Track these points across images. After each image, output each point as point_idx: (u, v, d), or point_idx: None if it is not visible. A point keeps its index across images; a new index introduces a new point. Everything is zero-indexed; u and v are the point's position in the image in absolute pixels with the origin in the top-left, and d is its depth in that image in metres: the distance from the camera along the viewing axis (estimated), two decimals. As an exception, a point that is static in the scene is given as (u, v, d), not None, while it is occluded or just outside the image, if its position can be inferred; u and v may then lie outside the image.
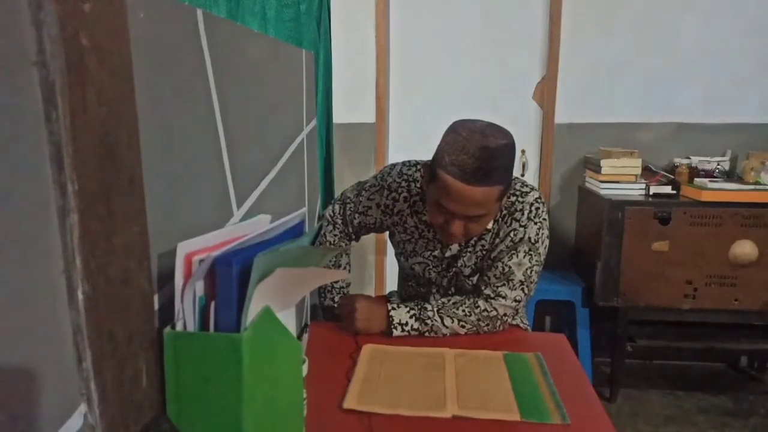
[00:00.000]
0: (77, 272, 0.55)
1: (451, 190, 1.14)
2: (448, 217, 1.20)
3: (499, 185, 1.15)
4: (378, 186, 1.45)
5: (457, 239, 1.26)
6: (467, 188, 1.12)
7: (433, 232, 1.40)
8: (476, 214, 1.18)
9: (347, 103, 2.87)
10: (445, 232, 1.24)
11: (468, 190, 1.13)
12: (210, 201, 0.93)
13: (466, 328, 1.32)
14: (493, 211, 1.22)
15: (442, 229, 1.25)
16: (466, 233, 1.24)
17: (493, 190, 1.15)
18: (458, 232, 1.21)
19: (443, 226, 1.23)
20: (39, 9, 0.50)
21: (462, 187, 1.13)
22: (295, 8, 1.76)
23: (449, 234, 1.23)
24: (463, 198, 1.14)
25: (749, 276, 2.39)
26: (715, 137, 2.79)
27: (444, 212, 1.20)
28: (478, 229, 1.25)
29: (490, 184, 1.13)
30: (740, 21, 2.71)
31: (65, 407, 0.56)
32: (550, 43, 2.81)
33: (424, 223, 1.41)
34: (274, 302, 0.78)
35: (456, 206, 1.16)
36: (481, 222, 1.22)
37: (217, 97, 0.92)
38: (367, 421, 0.97)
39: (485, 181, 1.12)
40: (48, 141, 0.52)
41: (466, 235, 1.25)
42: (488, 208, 1.19)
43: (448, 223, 1.21)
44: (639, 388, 2.72)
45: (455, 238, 1.25)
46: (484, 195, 1.14)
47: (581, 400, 1.05)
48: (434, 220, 1.25)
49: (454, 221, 1.20)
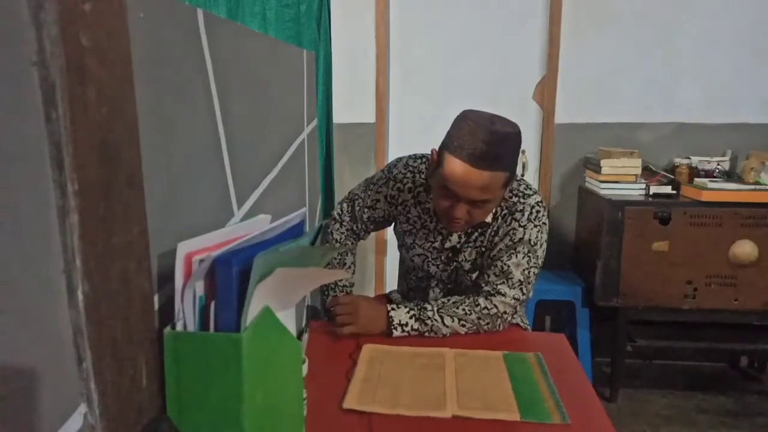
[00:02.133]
0: (77, 272, 0.55)
1: (458, 172, 1.17)
2: (454, 201, 1.23)
3: (505, 171, 1.18)
4: (385, 178, 1.49)
5: (459, 226, 1.29)
6: (475, 172, 1.15)
7: (434, 222, 1.43)
8: (481, 198, 1.21)
9: (347, 103, 2.87)
10: (449, 217, 1.26)
11: (476, 174, 1.16)
12: (210, 201, 0.93)
13: (467, 327, 1.33)
14: (496, 197, 1.24)
15: (445, 214, 1.28)
16: (469, 219, 1.26)
17: (499, 176, 1.18)
18: (462, 216, 1.24)
19: (447, 211, 1.26)
20: (39, 9, 0.50)
21: (470, 170, 1.15)
22: (295, 8, 1.76)
23: (452, 219, 1.25)
24: (470, 181, 1.17)
25: (749, 276, 2.39)
26: (715, 137, 2.78)
27: (449, 196, 1.23)
28: (481, 216, 1.27)
29: (497, 168, 1.16)
30: (740, 21, 2.71)
31: (65, 407, 0.56)
32: (550, 43, 2.81)
33: (426, 212, 1.43)
34: (274, 302, 0.79)
35: (462, 189, 1.19)
36: (484, 208, 1.25)
37: (217, 97, 0.92)
38: (367, 421, 0.97)
39: (493, 166, 1.15)
40: (48, 141, 0.52)
41: (469, 221, 1.27)
42: (493, 194, 1.21)
43: (453, 208, 1.24)
44: (639, 388, 2.72)
45: (458, 224, 1.28)
46: (491, 179, 1.17)
47: (581, 400, 1.05)
48: (439, 205, 1.28)
49: (458, 205, 1.23)
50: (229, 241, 0.80)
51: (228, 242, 0.80)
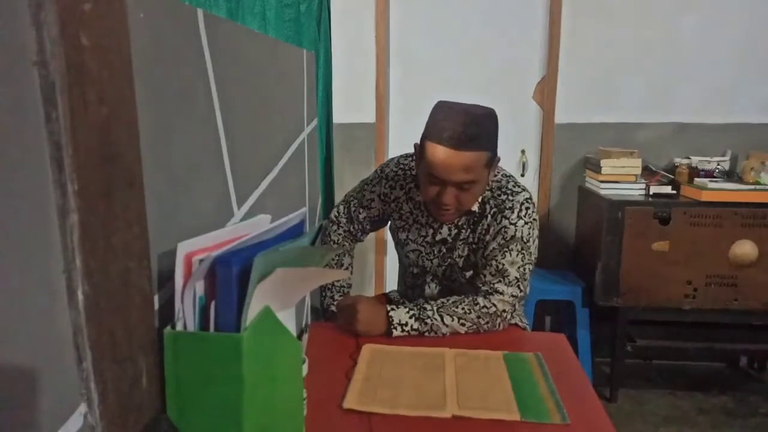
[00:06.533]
0: (77, 272, 0.55)
1: (440, 157, 1.22)
2: (441, 188, 1.26)
3: (485, 150, 1.23)
4: (378, 178, 1.52)
5: (450, 214, 1.32)
6: (456, 154, 1.20)
7: (426, 216, 1.45)
8: (466, 179, 1.24)
9: (347, 103, 2.86)
10: (438, 204, 1.29)
11: (457, 156, 1.20)
12: (210, 201, 0.93)
13: (467, 326, 1.33)
14: (482, 179, 1.27)
15: (434, 203, 1.31)
16: (459, 204, 1.29)
17: (480, 155, 1.22)
18: (451, 201, 1.27)
19: (436, 199, 1.29)
20: (39, 9, 0.50)
21: (451, 153, 1.20)
22: (295, 8, 1.76)
23: (442, 206, 1.28)
24: (452, 164, 1.21)
25: (749, 276, 2.39)
26: (715, 137, 2.78)
27: (436, 183, 1.26)
28: (470, 200, 1.30)
29: (476, 148, 1.21)
30: (740, 21, 2.71)
31: (65, 407, 0.56)
32: (550, 43, 2.80)
33: (418, 206, 1.46)
34: (274, 302, 0.78)
35: (446, 173, 1.23)
36: (472, 191, 1.28)
37: (217, 97, 0.92)
38: (367, 421, 0.97)
39: (472, 146, 1.20)
40: (48, 141, 0.52)
41: (459, 207, 1.30)
42: (477, 174, 1.24)
43: (441, 194, 1.27)
44: (639, 388, 2.72)
45: (448, 213, 1.31)
46: (473, 159, 1.21)
47: (581, 400, 1.05)
48: (427, 195, 1.31)
49: (445, 191, 1.26)
50: (229, 241, 0.80)
51: (228, 242, 0.80)
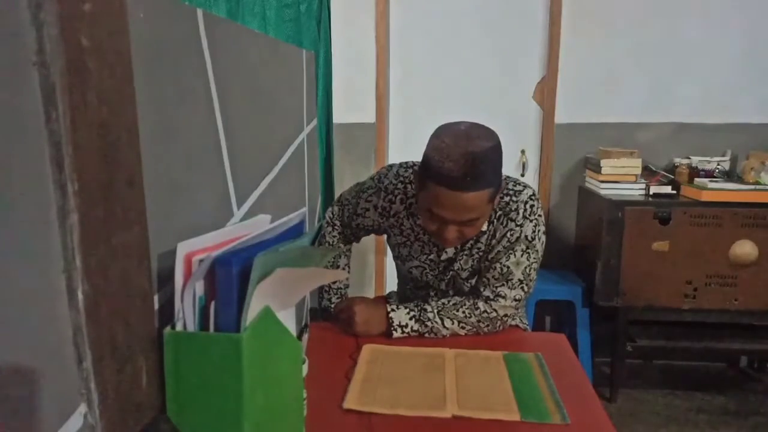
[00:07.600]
0: (77, 272, 0.55)
1: (440, 198, 1.14)
2: (441, 224, 1.20)
3: (488, 188, 1.14)
4: (375, 188, 1.44)
5: (453, 243, 1.27)
6: (456, 195, 1.12)
7: (428, 235, 1.39)
8: (468, 218, 1.18)
9: (347, 103, 2.86)
10: (440, 237, 1.24)
11: (457, 197, 1.12)
12: (210, 201, 0.93)
13: (466, 329, 1.32)
14: (485, 213, 1.21)
15: (436, 235, 1.25)
16: (461, 237, 1.24)
17: (482, 194, 1.14)
18: (453, 237, 1.21)
19: (437, 233, 1.23)
20: (39, 9, 0.50)
21: (451, 195, 1.12)
22: (295, 8, 1.76)
23: (444, 240, 1.23)
24: (453, 205, 1.14)
25: (749, 276, 2.39)
26: (715, 137, 2.78)
27: (436, 219, 1.20)
28: (473, 232, 1.24)
29: (478, 188, 1.12)
30: (740, 21, 2.71)
31: (65, 407, 0.56)
32: (550, 43, 2.80)
33: (419, 225, 1.39)
34: (274, 302, 0.78)
35: (447, 213, 1.16)
36: (475, 225, 1.22)
37: (217, 97, 0.92)
38: (367, 421, 0.97)
39: (474, 187, 1.11)
40: (48, 141, 0.52)
41: (461, 238, 1.25)
42: (480, 212, 1.18)
43: (442, 230, 1.21)
44: (639, 388, 2.72)
45: (451, 243, 1.26)
46: (475, 199, 1.13)
47: (581, 400, 1.05)
48: (428, 227, 1.26)
49: (447, 227, 1.20)
50: (229, 241, 0.80)
51: (228, 242, 0.80)
